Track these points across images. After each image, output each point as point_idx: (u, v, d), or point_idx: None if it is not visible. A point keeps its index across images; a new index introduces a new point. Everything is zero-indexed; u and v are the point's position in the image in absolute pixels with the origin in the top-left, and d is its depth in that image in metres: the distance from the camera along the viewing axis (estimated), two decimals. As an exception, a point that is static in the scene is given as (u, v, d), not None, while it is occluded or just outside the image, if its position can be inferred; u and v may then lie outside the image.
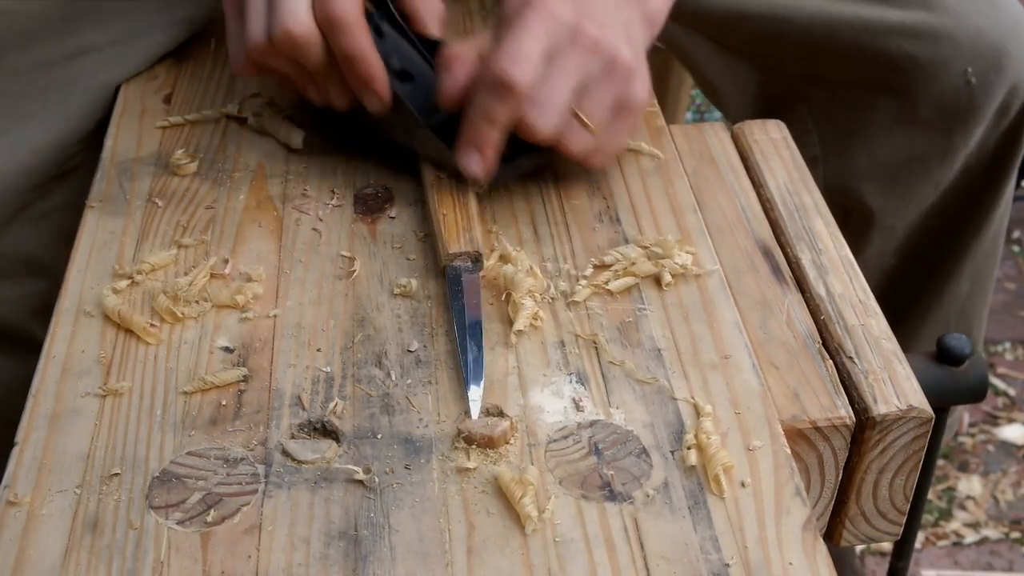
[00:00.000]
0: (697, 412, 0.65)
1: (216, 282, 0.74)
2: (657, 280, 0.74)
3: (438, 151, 0.79)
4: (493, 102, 0.73)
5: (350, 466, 0.62)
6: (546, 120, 0.73)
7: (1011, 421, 1.74)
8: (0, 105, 0.89)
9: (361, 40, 0.76)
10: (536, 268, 0.74)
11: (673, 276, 0.74)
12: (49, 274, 0.77)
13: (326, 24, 0.75)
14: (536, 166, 0.81)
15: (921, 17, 0.98)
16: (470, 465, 0.62)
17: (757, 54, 0.89)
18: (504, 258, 0.75)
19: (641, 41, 0.77)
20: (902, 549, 0.92)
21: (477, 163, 0.76)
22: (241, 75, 0.83)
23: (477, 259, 0.74)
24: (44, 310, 0.72)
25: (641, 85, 0.76)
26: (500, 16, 0.75)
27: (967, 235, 1.11)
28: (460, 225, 0.76)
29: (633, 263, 0.74)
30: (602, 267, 0.75)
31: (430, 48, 0.83)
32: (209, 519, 0.60)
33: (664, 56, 1.29)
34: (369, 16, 0.79)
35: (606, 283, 0.73)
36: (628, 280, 0.73)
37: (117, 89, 0.92)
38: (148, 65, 0.94)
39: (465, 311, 0.71)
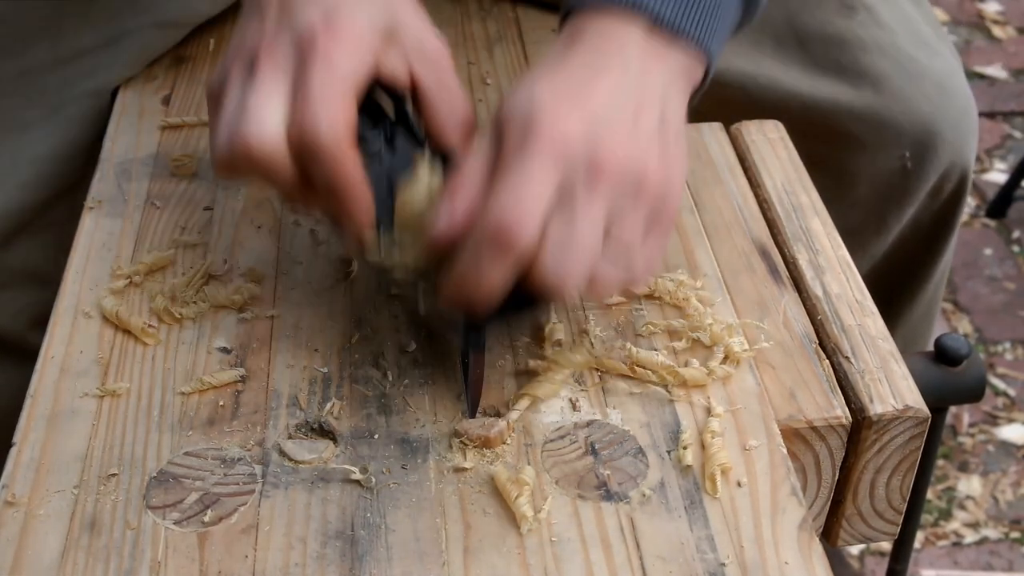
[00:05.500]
0: (708, 411, 0.66)
1: (214, 283, 0.74)
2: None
3: (428, 318, 0.68)
4: (487, 256, 0.59)
5: (347, 466, 0.62)
6: (574, 277, 0.60)
7: (1011, 421, 1.74)
8: None
9: (345, 169, 0.62)
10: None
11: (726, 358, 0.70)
12: (49, 284, 0.77)
13: (300, 147, 0.62)
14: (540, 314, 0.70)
15: (870, 99, 0.99)
16: (467, 465, 0.62)
17: (715, 116, 0.90)
18: None
19: (674, 121, 0.64)
20: (901, 549, 0.92)
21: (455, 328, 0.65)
22: (220, 178, 0.71)
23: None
24: (42, 319, 0.72)
25: (674, 195, 0.63)
26: (498, 140, 0.62)
27: (901, 302, 1.14)
28: None
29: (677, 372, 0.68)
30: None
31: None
32: (206, 519, 0.60)
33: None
34: (366, 133, 0.65)
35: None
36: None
37: (113, 97, 0.92)
38: (140, 68, 0.94)
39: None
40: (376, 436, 0.65)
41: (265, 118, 0.62)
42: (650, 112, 0.63)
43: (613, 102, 0.61)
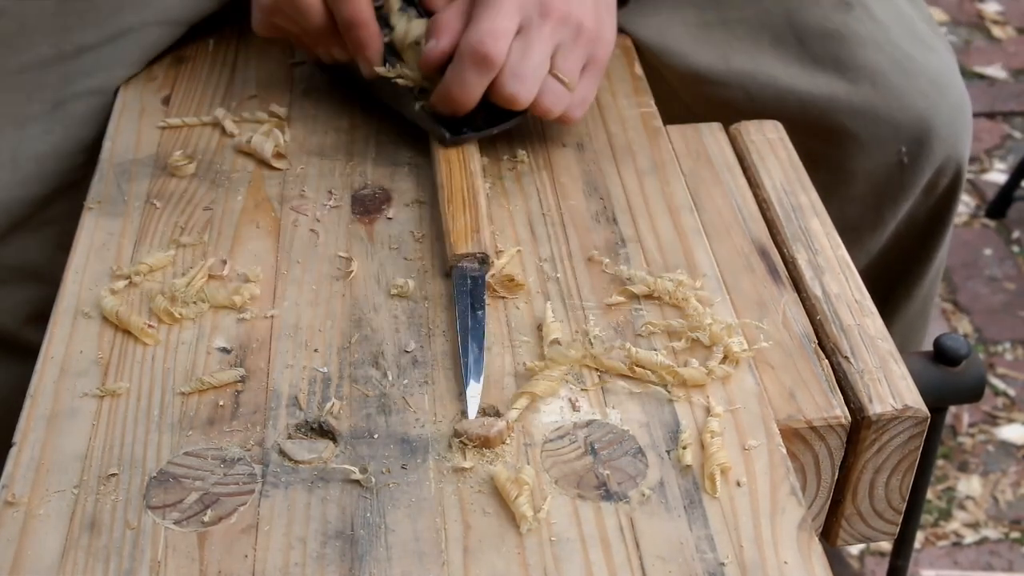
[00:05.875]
0: (708, 411, 0.66)
1: (214, 283, 0.75)
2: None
3: (419, 118, 0.85)
4: (470, 72, 0.79)
5: (347, 466, 0.62)
6: (527, 89, 0.80)
7: (1011, 421, 1.74)
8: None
9: (358, 7, 0.82)
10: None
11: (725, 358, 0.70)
12: (45, 280, 0.78)
13: None
14: (513, 127, 0.86)
15: (866, 95, 1.00)
16: (466, 465, 0.62)
17: (714, 117, 0.92)
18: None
19: (606, 8, 0.84)
20: (901, 549, 0.92)
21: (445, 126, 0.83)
22: (259, 34, 0.88)
23: (484, 260, 0.74)
24: (38, 315, 0.73)
25: (605, 46, 0.84)
26: None
27: (898, 297, 1.14)
28: (469, 226, 0.76)
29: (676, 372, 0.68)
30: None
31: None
32: (206, 519, 0.60)
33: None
34: None
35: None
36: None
37: (114, 95, 0.92)
38: (142, 66, 0.94)
39: (469, 312, 0.71)
40: (376, 436, 0.65)
41: None
42: None
43: None
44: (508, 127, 0.84)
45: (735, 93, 0.99)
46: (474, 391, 0.66)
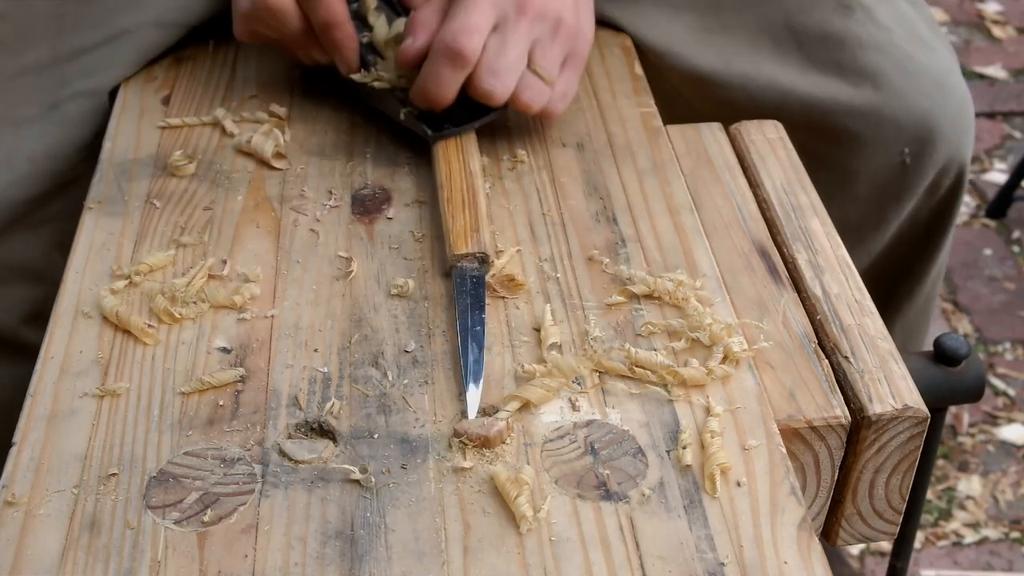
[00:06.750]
0: (707, 411, 0.66)
1: (214, 283, 0.75)
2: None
3: (390, 103, 0.86)
4: (444, 68, 0.80)
5: (347, 466, 0.63)
6: (503, 84, 0.80)
7: (1011, 421, 1.74)
8: None
9: (332, 8, 0.82)
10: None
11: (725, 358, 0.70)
12: (42, 280, 0.78)
13: None
14: (490, 122, 0.87)
15: (869, 96, 1.00)
16: (466, 465, 0.62)
17: (717, 116, 0.92)
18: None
19: (585, 3, 0.85)
20: (901, 549, 0.92)
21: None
22: (242, 40, 0.88)
23: (484, 260, 0.74)
24: (35, 315, 0.73)
25: (584, 41, 0.84)
26: None
27: (899, 298, 1.15)
28: (468, 226, 0.76)
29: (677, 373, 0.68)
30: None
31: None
32: (206, 519, 0.60)
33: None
34: None
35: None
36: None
37: (111, 96, 0.92)
38: (139, 68, 0.94)
39: (469, 312, 0.71)
40: (376, 436, 0.65)
41: None
42: None
43: None
44: (488, 120, 0.85)
45: (737, 94, 1.00)
46: (474, 391, 0.66)
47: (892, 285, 1.13)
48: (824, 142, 1.00)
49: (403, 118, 0.85)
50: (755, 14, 1.00)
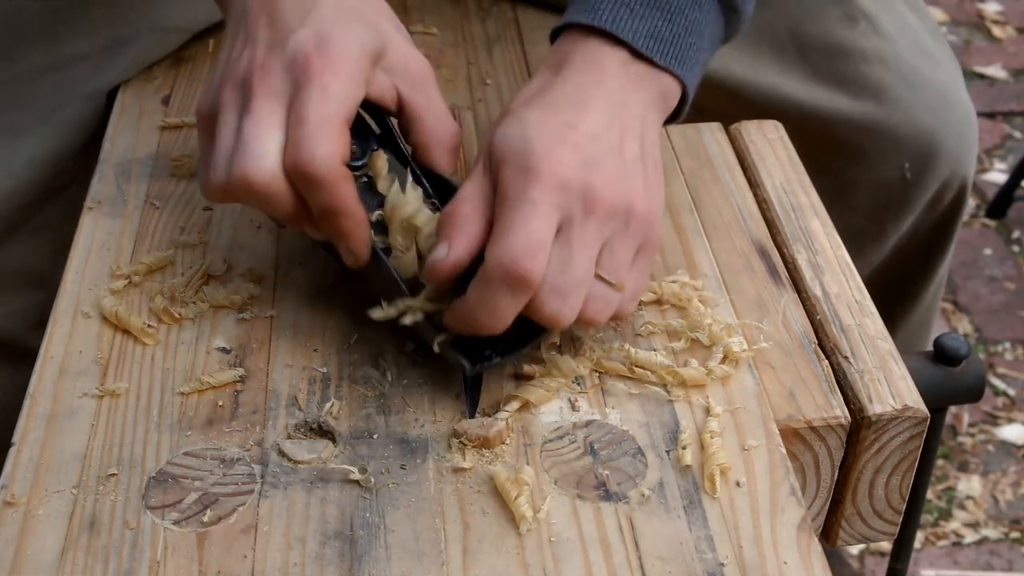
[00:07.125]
0: (707, 411, 0.66)
1: (214, 283, 0.74)
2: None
3: (420, 328, 0.67)
4: (502, 296, 0.62)
5: (346, 466, 0.62)
6: (570, 306, 0.63)
7: (1011, 421, 1.74)
8: None
9: (341, 194, 0.64)
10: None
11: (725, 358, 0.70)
12: (48, 285, 0.76)
13: (297, 177, 0.63)
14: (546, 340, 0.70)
15: (870, 109, 0.99)
16: (466, 465, 0.62)
17: (718, 116, 0.91)
18: None
19: (652, 148, 0.68)
20: (901, 549, 0.92)
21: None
22: (211, 201, 0.71)
23: None
24: (42, 321, 0.72)
25: (656, 224, 0.67)
26: (492, 172, 0.65)
27: (899, 309, 1.14)
28: None
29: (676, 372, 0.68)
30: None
31: (437, 186, 0.71)
32: (205, 519, 0.60)
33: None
34: (354, 147, 0.67)
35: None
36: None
37: (108, 99, 0.92)
38: (135, 73, 0.93)
39: None
40: (375, 436, 0.65)
41: (264, 152, 0.63)
42: (632, 141, 0.66)
43: (599, 134, 0.65)
44: (540, 342, 0.69)
45: (736, 101, 0.99)
46: (474, 392, 0.66)
47: (891, 297, 1.13)
48: (824, 152, 1.00)
49: (437, 349, 0.66)
50: (759, 22, 0.99)
